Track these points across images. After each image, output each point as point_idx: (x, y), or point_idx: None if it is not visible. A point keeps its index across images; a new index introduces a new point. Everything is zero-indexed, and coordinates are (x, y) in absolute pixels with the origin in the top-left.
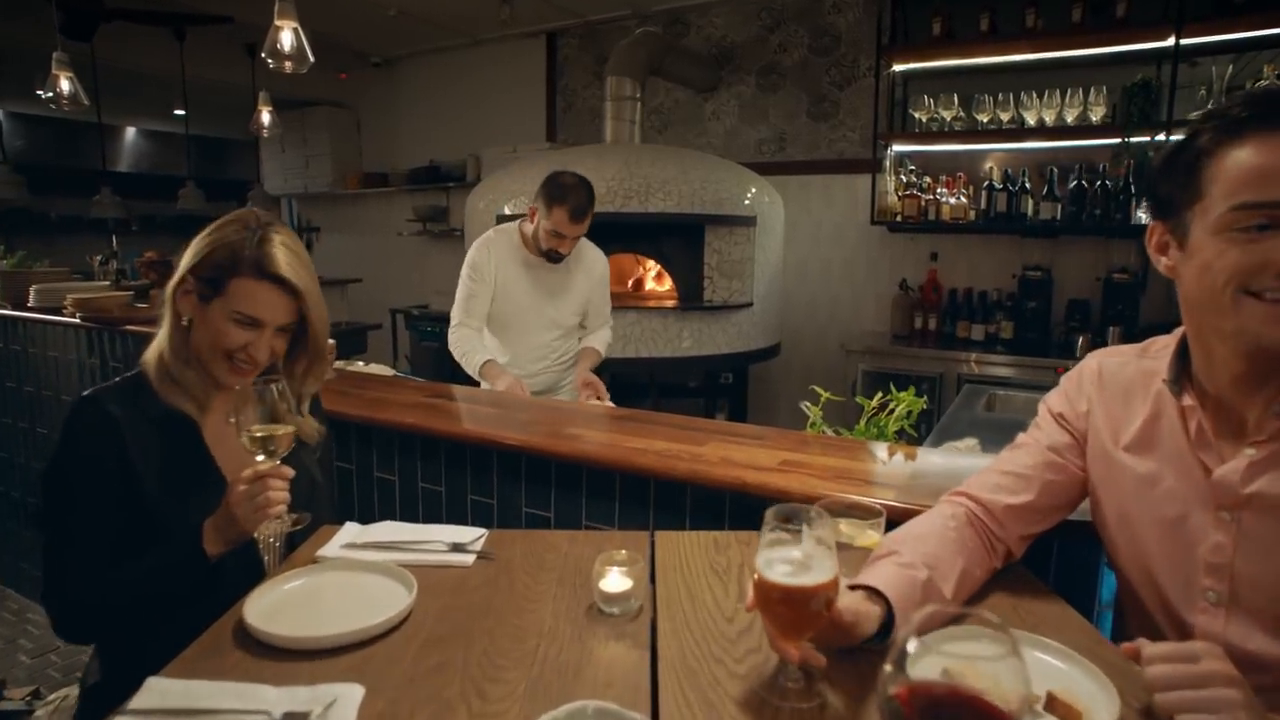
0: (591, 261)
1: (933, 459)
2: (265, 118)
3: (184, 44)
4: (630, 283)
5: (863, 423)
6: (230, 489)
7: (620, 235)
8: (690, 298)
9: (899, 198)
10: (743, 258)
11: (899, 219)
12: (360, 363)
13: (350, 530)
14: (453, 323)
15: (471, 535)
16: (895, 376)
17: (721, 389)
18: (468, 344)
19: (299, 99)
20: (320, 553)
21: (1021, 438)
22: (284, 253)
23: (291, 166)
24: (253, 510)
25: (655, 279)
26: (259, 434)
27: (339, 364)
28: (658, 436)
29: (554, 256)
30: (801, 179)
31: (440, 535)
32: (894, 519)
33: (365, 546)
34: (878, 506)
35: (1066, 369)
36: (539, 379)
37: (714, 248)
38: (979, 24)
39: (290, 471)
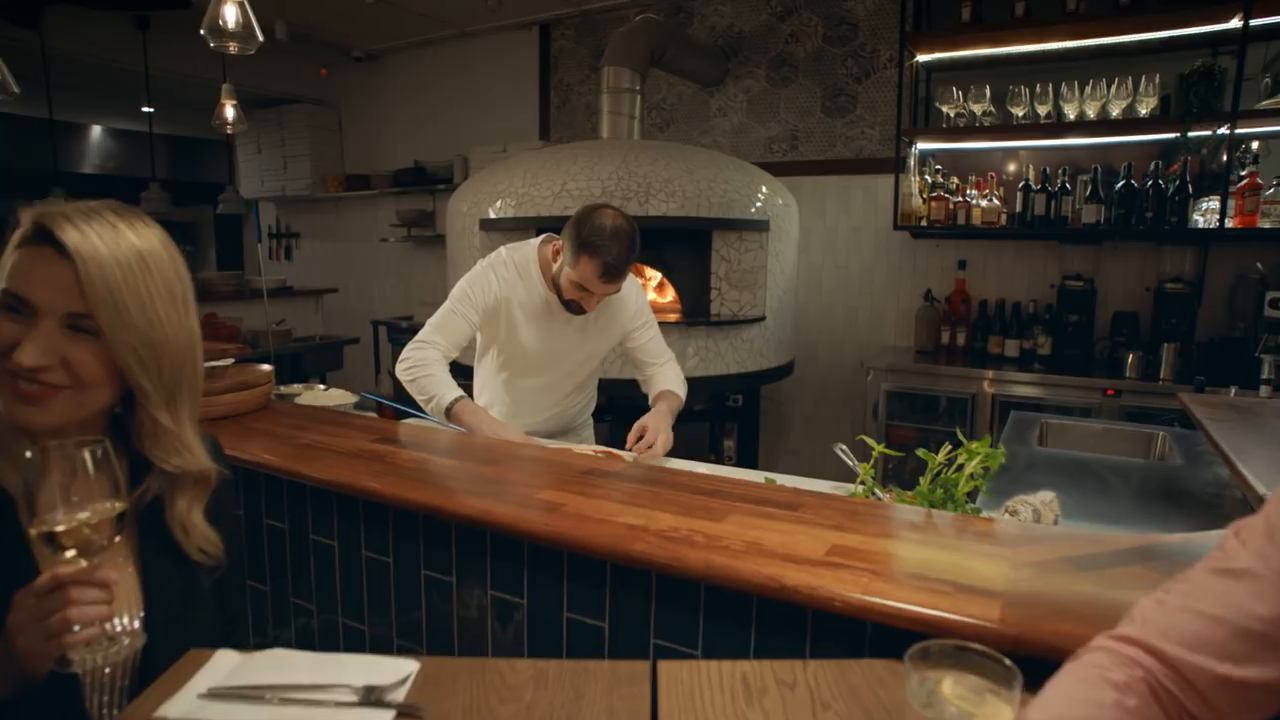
0: (621, 299)
1: (1056, 545)
2: (229, 112)
3: (147, 34)
4: None
5: (925, 482)
6: (14, 606)
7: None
8: (695, 311)
9: (924, 200)
10: (754, 266)
11: (924, 223)
12: (320, 386)
13: (222, 665)
14: (417, 337)
15: (395, 674)
16: (920, 396)
17: (730, 412)
18: (429, 369)
19: (276, 95)
20: (160, 713)
21: (1237, 554)
22: (81, 218)
23: (269, 168)
24: (41, 639)
25: (656, 290)
26: (54, 527)
27: (292, 389)
28: (663, 505)
29: (575, 309)
30: (816, 180)
31: (350, 675)
32: (1010, 652)
33: (234, 695)
34: (1007, 663)
35: (1116, 391)
36: (543, 425)
37: (722, 255)
38: (1012, 8)
39: (112, 576)
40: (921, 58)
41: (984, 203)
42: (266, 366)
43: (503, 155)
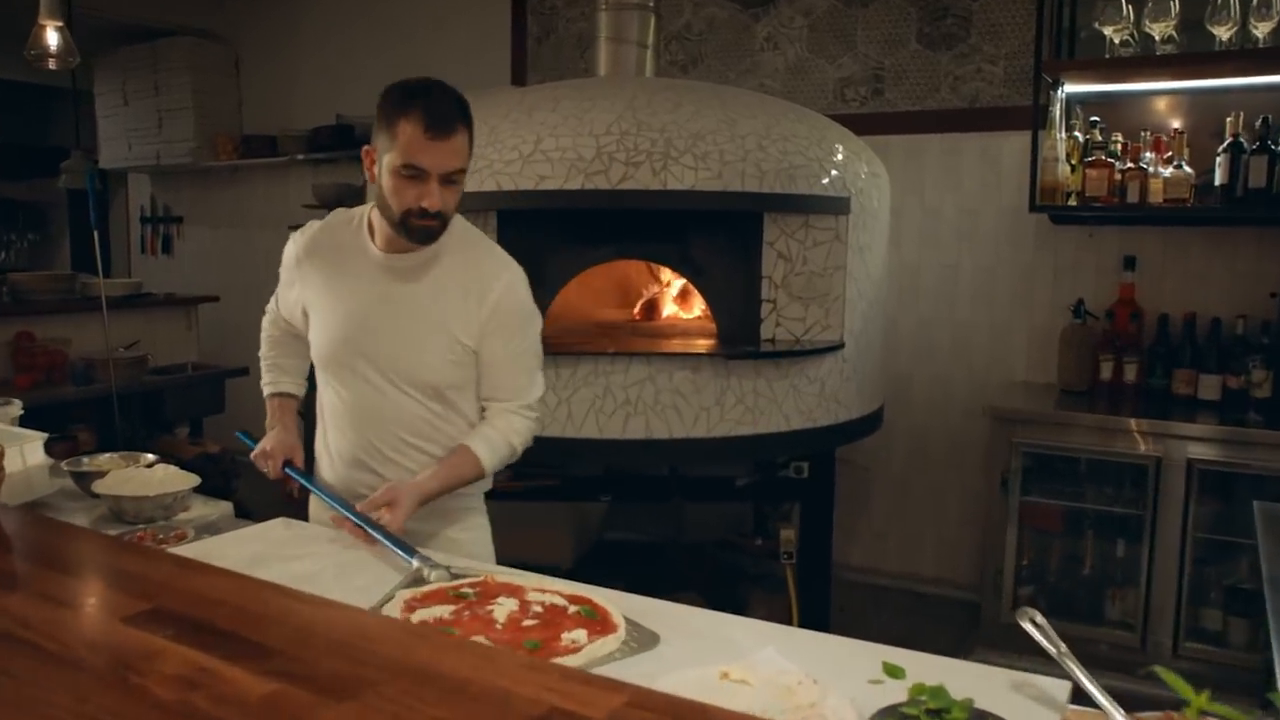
0: (490, 273)
1: None
2: (52, 39)
3: None
4: (638, 308)
5: None
6: None
7: (618, 229)
8: (737, 335)
9: (1074, 167)
10: (827, 267)
11: (1073, 201)
12: (149, 456)
13: None
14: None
15: None
16: (1071, 460)
17: (789, 488)
18: (266, 348)
19: (148, 25)
20: None
21: None
22: None
23: (138, 127)
24: None
25: (678, 301)
26: None
27: (97, 462)
28: None
29: (422, 232)
30: (910, 141)
31: None
32: None
33: None
34: None
35: None
36: (366, 479)
37: (779, 251)
38: None
39: None
40: None
41: (1166, 171)
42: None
43: None
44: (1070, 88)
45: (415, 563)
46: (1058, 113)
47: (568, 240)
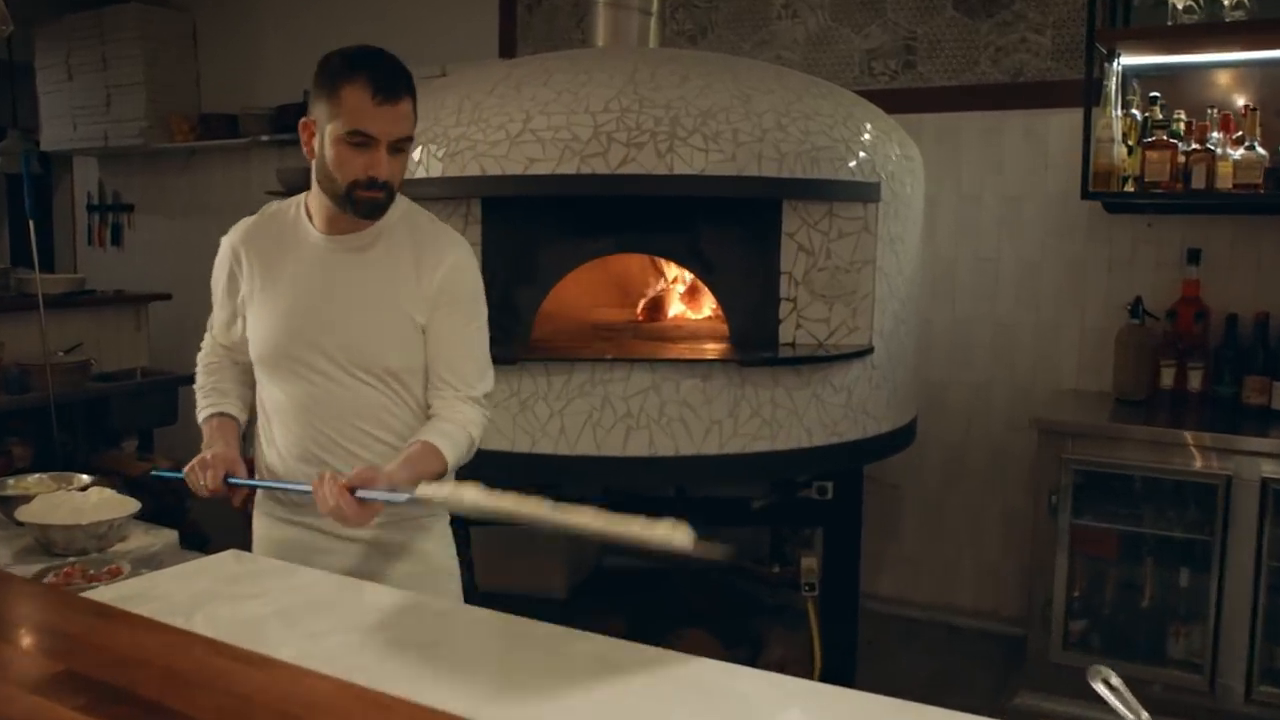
0: (440, 247)
1: None
2: None
3: None
4: (640, 308)
5: None
6: None
7: (618, 219)
8: (752, 339)
9: (1131, 149)
10: (854, 261)
11: (1130, 187)
12: (84, 477)
13: None
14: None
15: None
16: (1128, 479)
17: (811, 511)
18: (202, 376)
19: None
20: None
21: None
22: None
23: (84, 104)
24: None
25: (686, 300)
26: None
27: (24, 484)
28: None
29: (369, 204)
30: (945, 119)
31: None
32: None
33: None
34: None
35: None
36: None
37: (800, 243)
38: None
39: None
40: None
41: (1236, 153)
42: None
43: (439, 80)
44: (1127, 59)
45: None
46: (1113, 88)
47: (561, 231)
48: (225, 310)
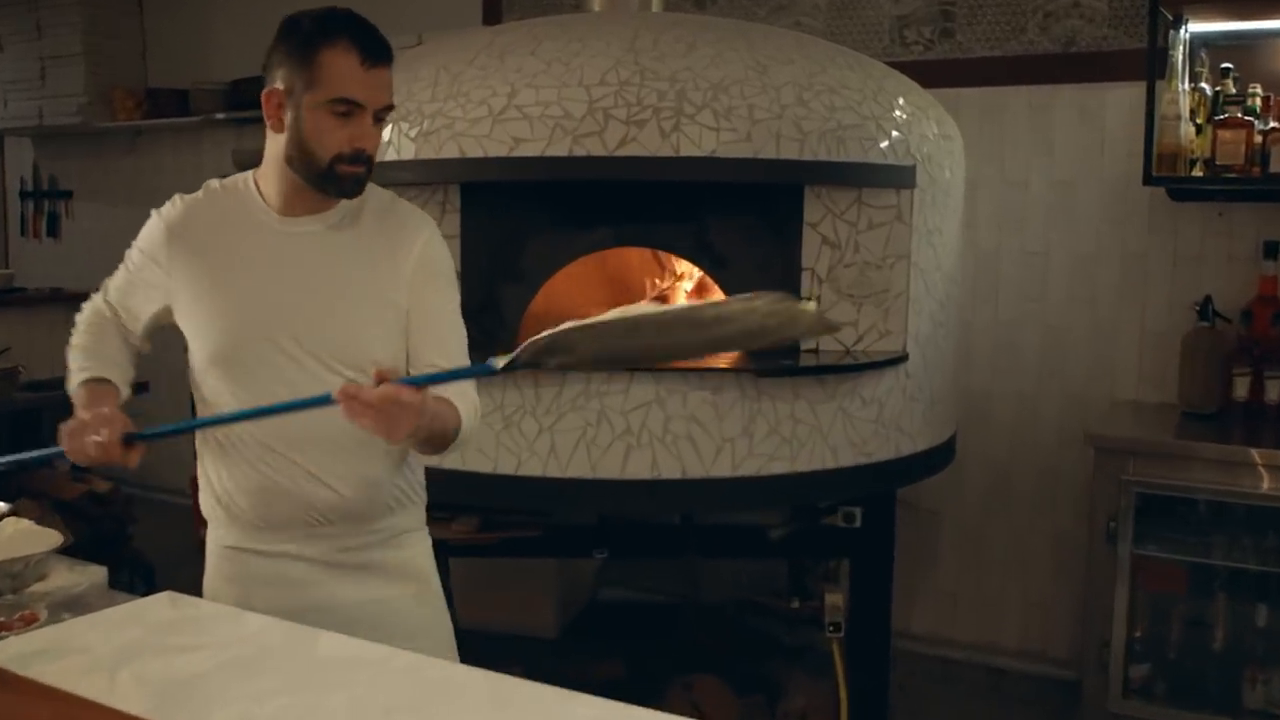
0: (413, 226)
1: None
2: None
3: None
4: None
5: None
6: None
7: (616, 208)
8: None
9: (1199, 128)
10: (885, 256)
11: (1199, 171)
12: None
13: None
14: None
15: None
16: (1197, 503)
17: (836, 540)
18: (82, 336)
19: None
20: None
21: None
22: None
23: (16, 79)
24: None
25: (694, 300)
26: None
27: None
28: None
29: (352, 180)
30: (987, 95)
31: None
32: None
33: None
34: None
35: None
36: (286, 513)
37: (824, 235)
38: None
39: None
40: None
41: None
42: None
43: (415, 49)
44: (1195, 26)
45: (497, 363)
46: (1179, 58)
47: (551, 222)
48: (138, 288)
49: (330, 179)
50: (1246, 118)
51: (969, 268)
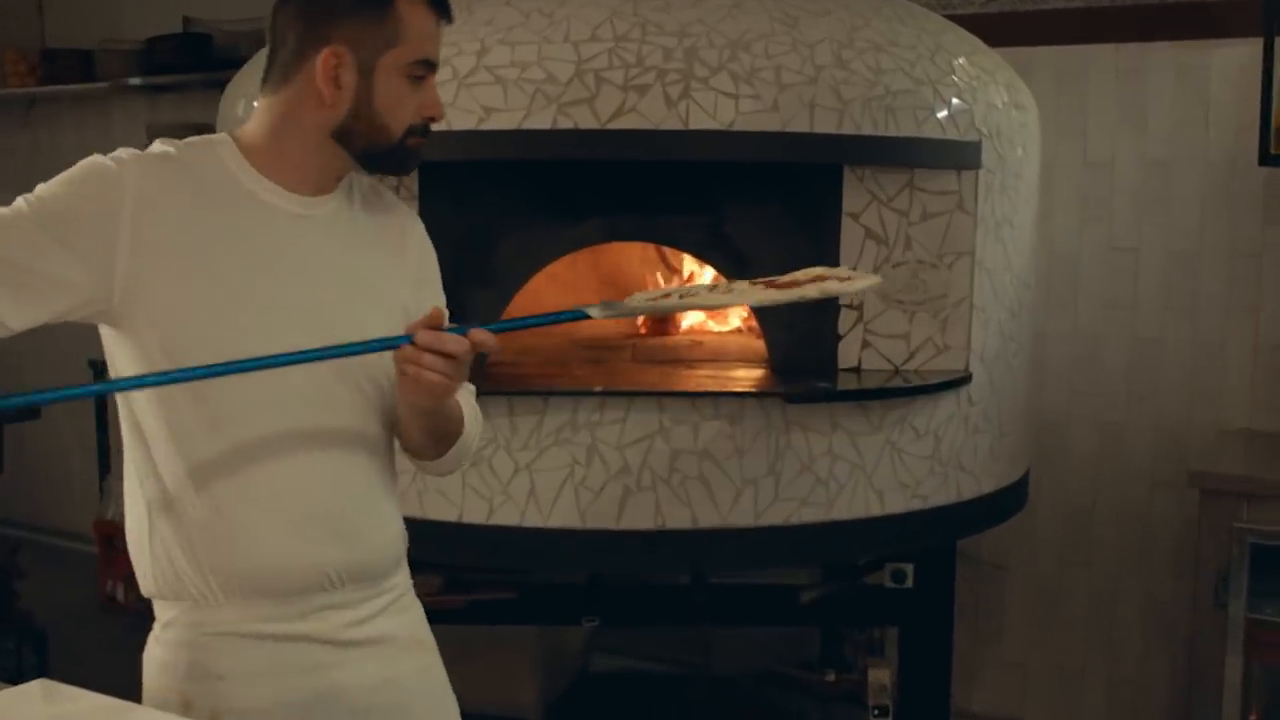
0: (404, 215)
1: None
2: None
3: None
4: (642, 318)
5: None
6: None
7: (610, 193)
8: (802, 361)
9: None
10: (944, 253)
11: None
12: None
13: None
14: None
15: None
16: None
17: (882, 604)
18: None
19: None
20: None
21: None
22: None
23: None
24: None
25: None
26: None
27: None
28: None
29: (415, 156)
30: (1065, 55)
31: None
32: None
33: None
34: None
35: None
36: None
37: (868, 226)
38: None
39: None
40: None
41: None
42: None
43: None
44: None
45: (594, 312)
46: None
47: (530, 212)
48: (55, 254)
49: (398, 155)
50: None
51: (1042, 267)
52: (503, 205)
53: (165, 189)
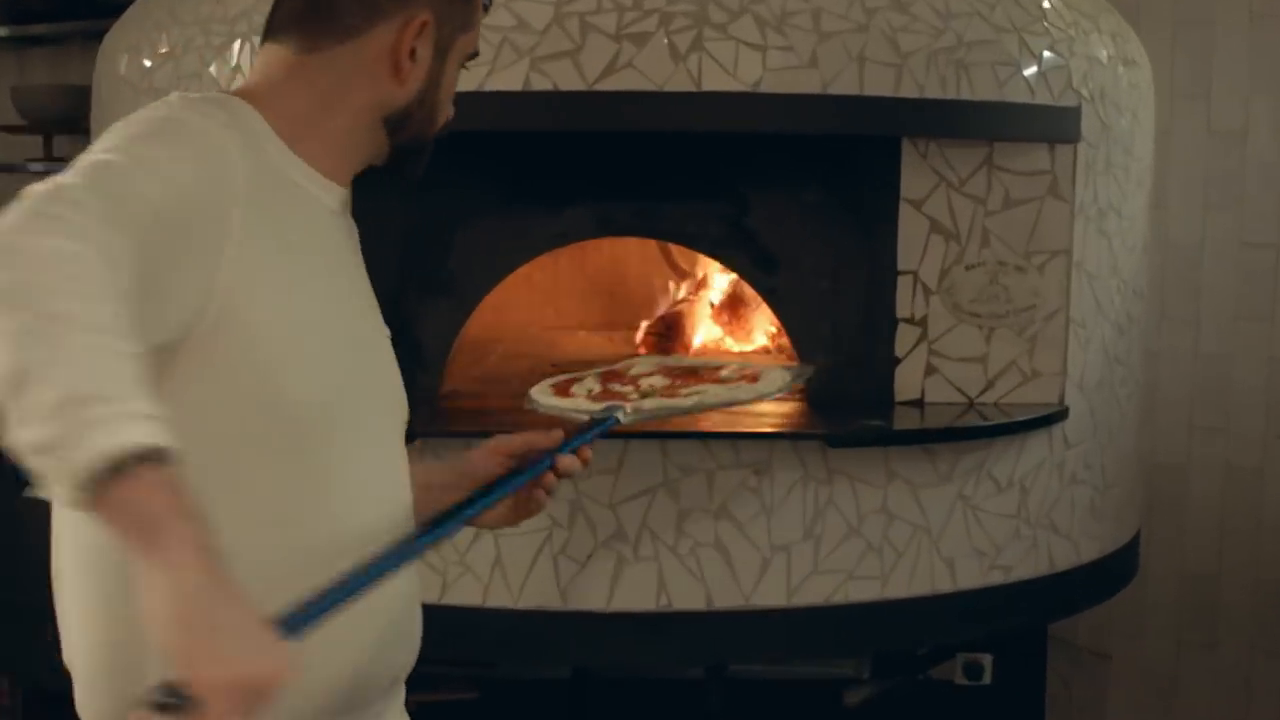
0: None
1: None
2: None
3: None
4: (642, 332)
5: None
6: None
7: (602, 175)
8: (849, 390)
9: None
10: (1032, 252)
11: None
12: None
13: None
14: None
15: None
16: None
17: (951, 703)
18: (108, 298)
19: None
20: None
21: None
22: None
23: None
24: None
25: (722, 318)
26: None
27: None
28: None
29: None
30: (1181, 8)
31: None
32: None
33: None
34: None
35: None
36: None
37: (932, 216)
38: None
39: None
40: None
41: None
42: None
43: None
44: None
45: (619, 416)
46: None
47: (500, 198)
48: (188, 248)
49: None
50: None
51: (1155, 269)
52: (462, 192)
53: (260, 187)
